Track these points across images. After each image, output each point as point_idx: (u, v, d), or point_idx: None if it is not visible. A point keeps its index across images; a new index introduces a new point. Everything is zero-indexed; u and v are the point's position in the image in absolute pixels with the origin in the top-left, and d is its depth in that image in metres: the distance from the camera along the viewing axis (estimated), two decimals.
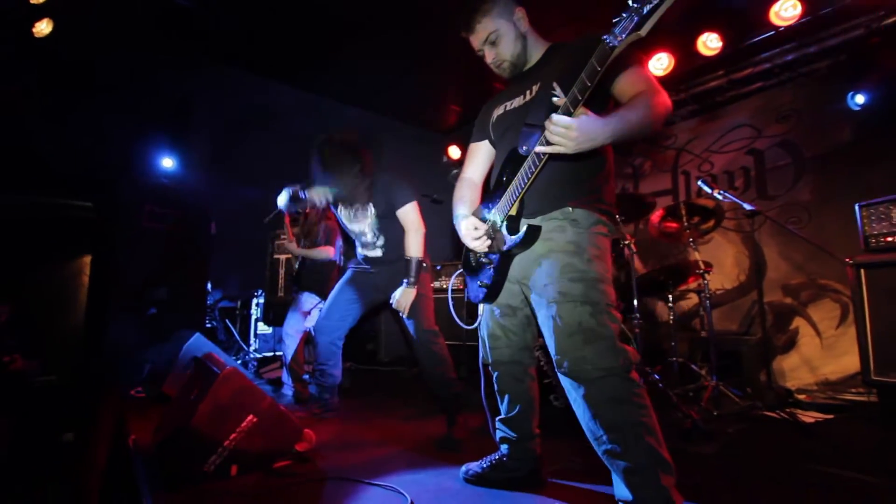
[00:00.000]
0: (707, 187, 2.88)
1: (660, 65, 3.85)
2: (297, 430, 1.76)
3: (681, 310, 4.06)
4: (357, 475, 1.62)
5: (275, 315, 4.42)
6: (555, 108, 1.18)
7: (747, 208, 2.72)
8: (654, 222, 3.14)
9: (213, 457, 1.58)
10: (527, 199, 1.37)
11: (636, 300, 2.78)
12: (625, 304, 2.97)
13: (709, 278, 2.87)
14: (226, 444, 1.60)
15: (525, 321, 1.52)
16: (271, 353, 4.47)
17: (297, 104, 4.75)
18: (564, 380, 1.27)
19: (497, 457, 1.61)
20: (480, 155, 1.69)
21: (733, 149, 3.97)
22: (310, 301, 3.15)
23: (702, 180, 2.94)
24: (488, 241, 1.44)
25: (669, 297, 3.11)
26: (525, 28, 1.49)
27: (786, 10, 3.23)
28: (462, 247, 1.62)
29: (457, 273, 1.73)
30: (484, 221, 1.47)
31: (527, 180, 1.30)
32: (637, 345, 2.72)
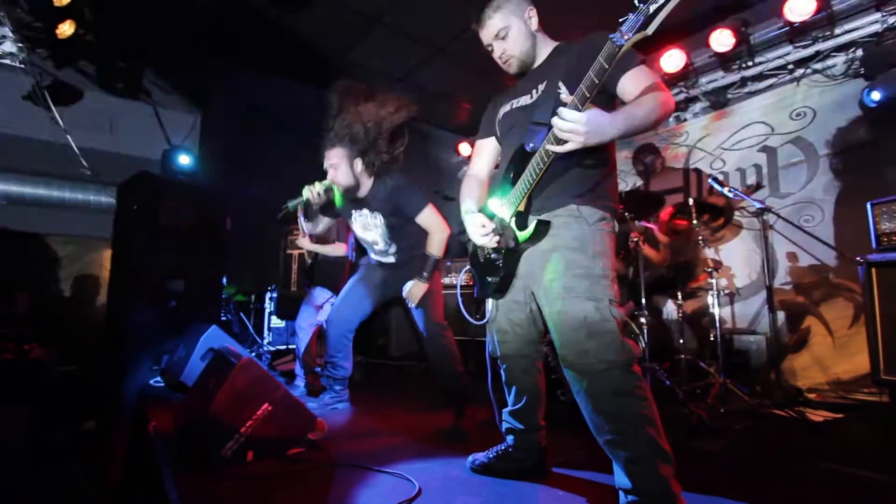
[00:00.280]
0: (718, 185, 2.88)
1: (672, 61, 3.84)
2: (309, 419, 1.82)
3: (691, 307, 4.05)
4: (367, 463, 1.67)
5: (288, 309, 4.51)
6: (561, 106, 1.21)
7: (756, 206, 2.71)
8: (663, 219, 3.14)
9: (231, 443, 1.64)
10: (535, 197, 1.40)
11: (644, 298, 2.79)
12: (633, 301, 2.99)
13: (719, 276, 2.87)
14: (242, 430, 1.66)
15: (532, 316, 1.55)
16: (284, 346, 4.57)
17: (311, 102, 4.80)
18: (568, 372, 1.30)
19: (503, 447, 1.65)
20: (487, 152, 1.72)
21: (746, 146, 3.94)
22: (322, 295, 3.21)
23: (712, 178, 2.94)
24: (496, 238, 1.48)
25: (679, 294, 3.12)
26: (535, 27, 1.52)
27: (800, 6, 3.19)
28: (468, 243, 1.66)
29: (465, 269, 1.77)
30: (491, 218, 1.51)
31: (534, 177, 1.33)
32: (645, 342, 2.74)
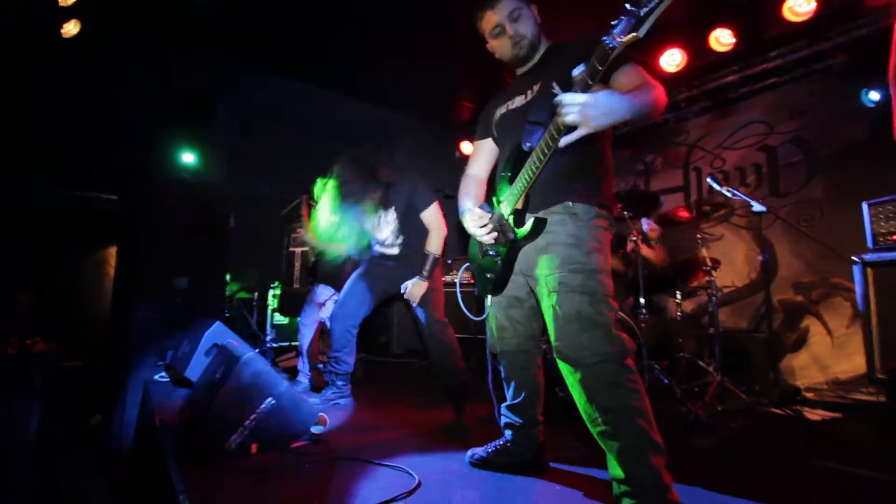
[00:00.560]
0: (716, 184, 2.90)
1: (672, 61, 3.85)
2: (312, 413, 1.86)
3: (691, 307, 4.08)
4: (368, 456, 1.71)
5: (291, 306, 4.55)
6: (555, 106, 1.24)
7: (755, 208, 2.73)
8: (666, 212, 3.15)
9: (235, 436, 1.68)
10: (532, 194, 1.43)
11: (643, 296, 2.81)
12: (633, 299, 3.01)
13: (717, 275, 2.89)
14: (246, 423, 1.70)
15: (531, 312, 1.58)
16: (287, 343, 4.61)
17: (313, 100, 4.85)
18: (562, 365, 1.34)
19: (502, 442, 1.69)
20: (484, 152, 1.76)
21: (746, 145, 3.95)
22: (325, 293, 3.25)
23: (711, 177, 2.96)
24: (495, 234, 1.51)
25: (678, 293, 3.14)
26: (539, 20, 1.57)
27: (800, 6, 3.20)
28: (468, 241, 1.69)
29: (464, 267, 1.80)
30: (490, 215, 1.54)
31: (531, 175, 1.36)
32: (643, 340, 2.76)
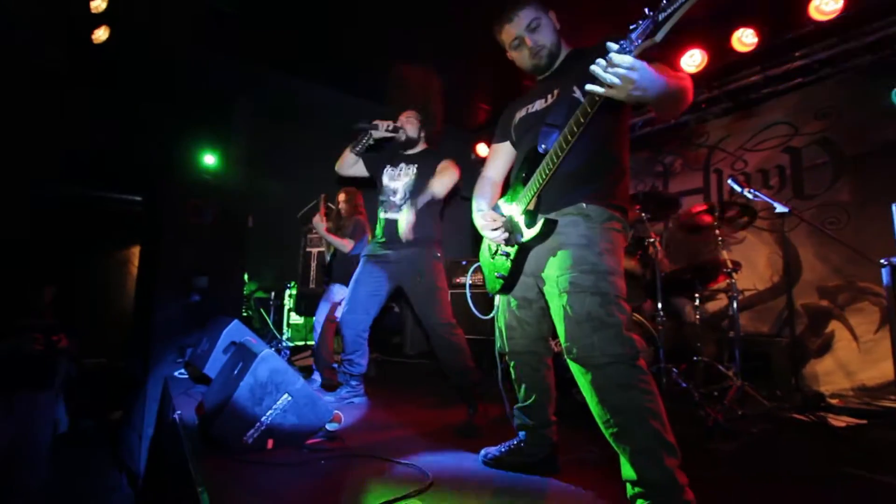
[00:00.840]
0: (737, 186, 2.84)
1: (692, 61, 3.78)
2: (327, 410, 1.88)
3: (711, 310, 4.00)
4: (382, 454, 1.72)
5: (306, 305, 4.60)
6: (575, 109, 1.27)
7: (778, 209, 2.67)
8: (689, 213, 3.09)
9: (252, 430, 1.71)
10: (545, 196, 1.43)
11: (660, 300, 2.77)
12: (651, 302, 2.96)
13: (738, 278, 2.83)
14: (263, 419, 1.73)
15: (540, 313, 1.58)
16: (302, 342, 4.66)
17: (331, 102, 4.91)
18: (573, 366, 1.33)
19: (515, 442, 1.68)
20: (501, 155, 1.76)
21: (768, 147, 3.87)
22: (340, 292, 3.28)
23: (732, 178, 2.90)
24: (506, 234, 1.51)
25: (697, 296, 3.08)
26: (558, 27, 1.57)
27: (826, 4, 3.12)
28: (481, 242, 1.69)
29: (474, 267, 1.81)
30: (502, 216, 1.54)
31: (545, 177, 1.37)
32: (660, 343, 2.72)
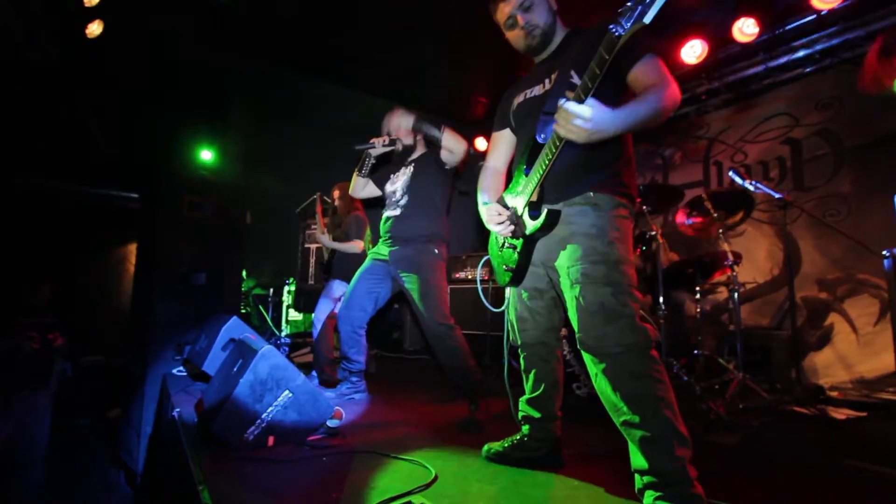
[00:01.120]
0: (739, 178, 2.83)
1: (693, 52, 3.75)
2: (328, 407, 1.87)
3: (711, 303, 4.00)
4: (384, 450, 1.71)
5: (305, 302, 4.59)
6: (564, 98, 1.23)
7: (777, 197, 2.66)
8: (680, 221, 3.09)
9: (252, 427, 1.70)
10: (549, 185, 1.41)
11: (662, 293, 2.76)
12: (651, 296, 2.95)
13: (738, 271, 2.82)
14: (263, 416, 1.71)
15: (552, 303, 1.57)
16: (301, 339, 4.65)
17: (328, 97, 4.87)
18: (586, 356, 1.32)
19: (519, 437, 1.66)
20: (503, 143, 1.74)
21: (769, 138, 3.85)
22: (340, 288, 3.26)
23: (733, 170, 2.88)
24: (511, 226, 1.50)
25: (697, 289, 3.08)
26: (554, 6, 1.54)
27: None
28: (487, 236, 1.67)
29: (483, 260, 1.79)
30: (507, 208, 1.53)
31: (545, 167, 1.35)
32: (661, 337, 2.71)
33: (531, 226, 1.43)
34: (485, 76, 4.85)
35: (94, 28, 3.26)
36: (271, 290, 4.76)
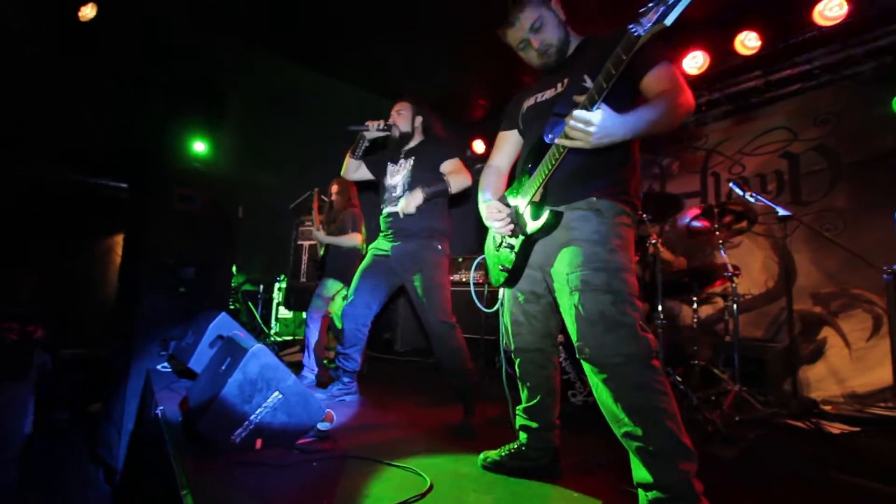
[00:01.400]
0: (739, 189, 2.82)
1: (695, 63, 3.76)
2: (319, 409, 1.80)
3: (705, 314, 3.99)
4: (376, 455, 1.65)
5: (295, 300, 4.50)
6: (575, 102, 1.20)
7: (781, 213, 2.65)
8: (683, 222, 3.07)
9: (240, 429, 1.63)
10: (553, 188, 1.38)
11: (660, 303, 2.74)
12: (648, 305, 2.93)
13: (736, 282, 2.81)
14: (252, 417, 1.65)
15: (548, 308, 1.53)
16: (291, 337, 4.57)
17: (326, 92, 4.81)
18: (586, 365, 1.28)
19: (516, 446, 1.62)
20: (508, 144, 1.70)
21: (767, 151, 3.87)
22: (333, 287, 3.20)
23: (733, 182, 2.88)
24: (511, 225, 1.46)
25: (694, 299, 3.06)
26: (563, 17, 1.51)
27: (831, 10, 3.11)
28: (485, 238, 1.63)
29: (478, 260, 1.74)
30: (508, 207, 1.49)
31: (550, 168, 1.32)
32: (659, 346, 2.69)
33: (532, 226, 1.39)
34: (484, 78, 4.83)
35: (88, 11, 3.17)
36: (261, 286, 4.67)
